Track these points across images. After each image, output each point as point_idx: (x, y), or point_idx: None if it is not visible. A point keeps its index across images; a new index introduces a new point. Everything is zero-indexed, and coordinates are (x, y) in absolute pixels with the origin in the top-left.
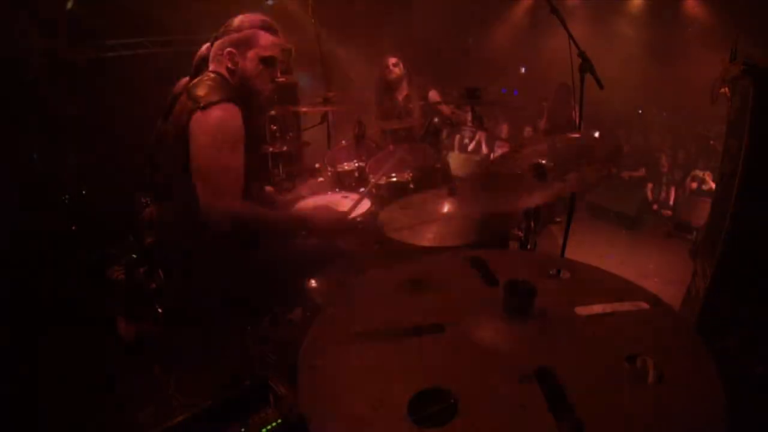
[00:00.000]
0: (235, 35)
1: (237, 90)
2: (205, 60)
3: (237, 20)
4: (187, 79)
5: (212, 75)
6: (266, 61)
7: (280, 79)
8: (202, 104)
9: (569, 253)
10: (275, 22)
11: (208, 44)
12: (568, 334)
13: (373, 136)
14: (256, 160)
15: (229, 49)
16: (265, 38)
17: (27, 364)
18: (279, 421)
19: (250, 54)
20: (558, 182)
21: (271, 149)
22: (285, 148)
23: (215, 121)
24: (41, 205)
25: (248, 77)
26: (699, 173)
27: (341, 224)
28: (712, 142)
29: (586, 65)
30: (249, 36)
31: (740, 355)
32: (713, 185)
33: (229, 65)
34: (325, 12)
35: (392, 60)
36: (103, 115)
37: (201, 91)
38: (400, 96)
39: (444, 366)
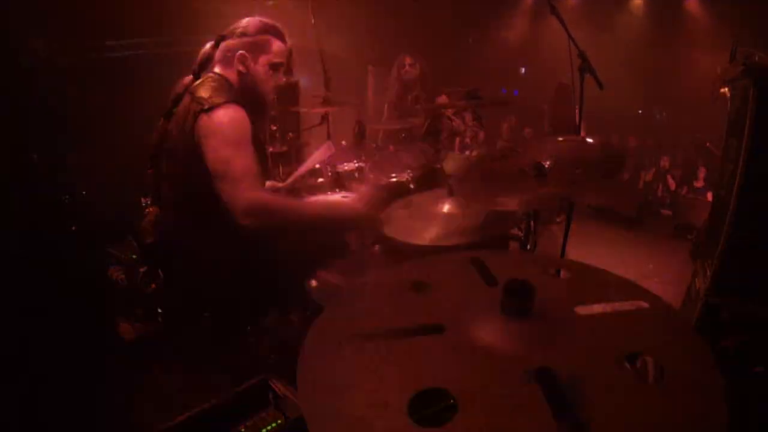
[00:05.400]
0: (247, 39)
1: (241, 93)
2: (210, 59)
3: (249, 24)
4: (189, 78)
5: (215, 76)
6: (274, 67)
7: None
8: (206, 106)
9: (569, 253)
10: (281, 27)
11: (212, 43)
12: (568, 334)
13: (374, 136)
14: (261, 161)
15: (241, 52)
16: (277, 45)
17: (27, 364)
18: (279, 421)
19: (262, 59)
20: (559, 185)
21: (271, 149)
22: (285, 148)
23: (222, 121)
24: (41, 205)
25: (258, 81)
26: (699, 173)
27: (383, 193)
28: (708, 144)
29: (586, 65)
30: (262, 42)
31: (739, 355)
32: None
33: (241, 68)
34: (325, 12)
35: (408, 60)
36: (104, 115)
37: (205, 93)
38: (410, 96)
39: (444, 366)
